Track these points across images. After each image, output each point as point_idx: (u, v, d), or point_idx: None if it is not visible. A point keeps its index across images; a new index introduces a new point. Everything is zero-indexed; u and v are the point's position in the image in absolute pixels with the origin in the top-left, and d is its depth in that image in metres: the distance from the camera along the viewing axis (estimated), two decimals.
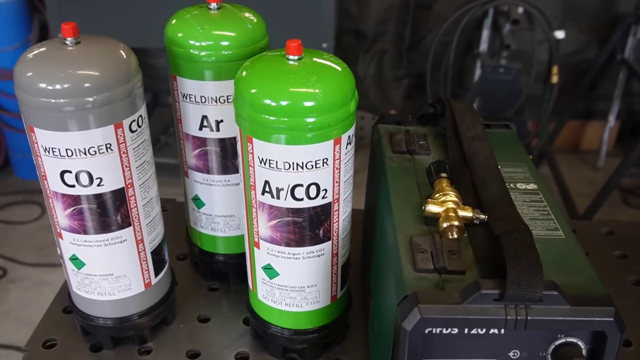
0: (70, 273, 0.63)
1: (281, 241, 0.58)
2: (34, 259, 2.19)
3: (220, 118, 0.65)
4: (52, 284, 2.10)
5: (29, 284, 2.10)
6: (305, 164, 0.54)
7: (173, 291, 0.70)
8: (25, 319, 1.96)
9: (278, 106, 0.52)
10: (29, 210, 2.43)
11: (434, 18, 2.52)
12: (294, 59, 0.53)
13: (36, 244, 2.27)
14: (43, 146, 0.55)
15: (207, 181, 0.70)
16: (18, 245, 2.26)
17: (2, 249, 2.23)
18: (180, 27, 0.64)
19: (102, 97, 0.53)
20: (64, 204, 0.58)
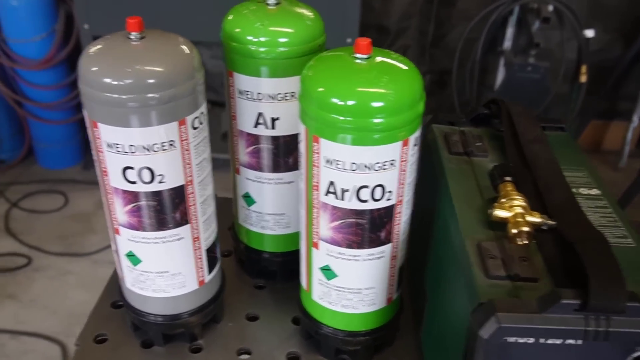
0: (125, 269, 0.63)
1: (342, 243, 0.58)
2: (58, 248, 2.20)
3: (277, 115, 0.65)
4: (75, 273, 2.11)
5: (54, 272, 2.11)
6: (372, 165, 0.53)
7: (223, 289, 0.70)
8: (50, 307, 1.97)
9: (347, 106, 0.51)
10: (53, 200, 2.44)
11: (458, 14, 2.49)
12: (362, 58, 0.52)
13: (60, 233, 2.28)
14: (106, 142, 0.54)
15: (259, 179, 0.69)
16: (42, 234, 2.27)
17: (27, 237, 2.24)
18: (238, 22, 0.63)
19: (167, 93, 0.53)
20: (123, 200, 0.57)
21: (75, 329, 1.92)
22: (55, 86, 2.44)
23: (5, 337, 1.86)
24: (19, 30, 2.31)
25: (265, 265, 0.76)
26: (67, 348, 1.83)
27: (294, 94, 0.64)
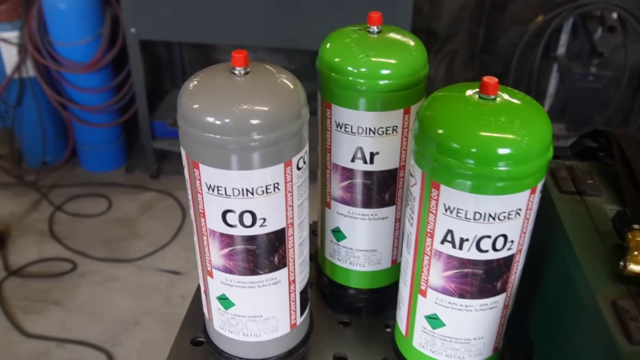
0: (215, 311, 0.60)
1: (454, 292, 0.54)
2: (103, 254, 2.20)
3: (376, 150, 0.61)
4: (121, 279, 2.10)
5: (99, 279, 2.11)
6: (497, 215, 0.49)
7: (312, 331, 0.66)
8: (96, 314, 1.97)
9: (472, 151, 0.47)
10: (96, 203, 2.45)
11: (509, 18, 2.43)
12: (489, 98, 0.48)
13: (104, 238, 2.28)
14: (207, 184, 0.51)
15: (352, 214, 0.65)
16: (86, 238, 2.27)
17: (71, 242, 2.24)
18: (339, 52, 0.59)
19: (275, 134, 0.49)
20: (221, 243, 0.54)
21: (121, 337, 1.93)
22: (99, 89, 2.44)
23: (52, 345, 1.86)
24: (65, 33, 2.31)
25: (350, 302, 0.73)
26: (114, 357, 1.82)
27: (395, 128, 0.60)
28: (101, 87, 2.44)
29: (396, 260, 0.70)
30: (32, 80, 2.41)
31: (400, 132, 0.60)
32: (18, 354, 1.83)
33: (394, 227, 0.67)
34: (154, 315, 1.97)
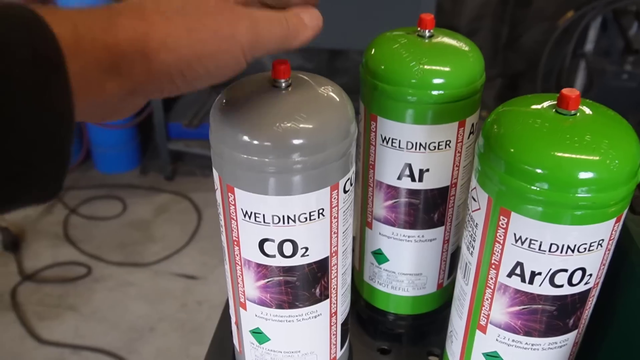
0: (247, 345, 0.54)
1: (520, 330, 0.48)
2: (118, 258, 2.16)
3: (426, 167, 0.55)
4: (136, 284, 2.05)
5: (114, 284, 2.06)
6: (577, 247, 0.42)
7: None
8: (111, 320, 1.92)
9: (550, 175, 0.41)
10: (111, 206, 2.40)
11: (534, 15, 2.35)
12: (568, 114, 0.42)
13: (119, 241, 2.23)
14: (243, 210, 0.45)
15: (397, 235, 0.59)
16: (101, 242, 2.23)
17: (86, 245, 2.20)
18: (387, 58, 0.53)
19: (321, 155, 0.43)
20: (257, 274, 0.48)
21: (137, 344, 1.88)
22: None
23: (67, 352, 1.82)
24: None
25: (390, 328, 0.67)
26: None
27: (449, 143, 0.54)
28: None
29: (442, 284, 0.64)
30: None
31: (453, 147, 0.54)
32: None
33: (441, 249, 0.61)
34: (170, 321, 1.92)
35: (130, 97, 0.35)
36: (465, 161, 0.56)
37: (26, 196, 0.29)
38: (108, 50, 0.32)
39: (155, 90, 0.35)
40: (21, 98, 0.27)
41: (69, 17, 0.31)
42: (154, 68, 0.33)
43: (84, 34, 0.31)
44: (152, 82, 0.34)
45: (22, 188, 0.29)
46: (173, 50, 0.34)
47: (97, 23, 0.32)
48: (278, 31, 0.38)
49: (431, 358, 0.67)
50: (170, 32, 0.34)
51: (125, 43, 0.32)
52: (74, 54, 0.30)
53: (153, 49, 0.33)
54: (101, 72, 0.32)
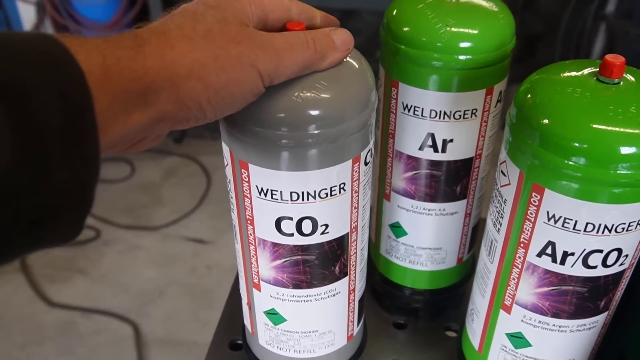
0: (260, 327, 0.52)
1: (548, 311, 0.45)
2: (127, 221, 2.15)
3: (451, 137, 0.51)
4: (145, 248, 2.05)
5: (123, 247, 2.06)
6: (614, 227, 0.40)
7: (367, 339, 0.59)
8: (121, 283, 1.92)
9: (588, 149, 0.37)
10: (119, 169, 2.38)
11: None
12: (611, 82, 0.39)
13: (127, 204, 2.22)
14: (258, 187, 0.42)
15: (417, 208, 0.57)
16: (110, 205, 2.21)
17: (95, 208, 2.15)
18: (411, 19, 0.49)
19: (348, 125, 0.40)
20: (272, 254, 0.46)
21: (147, 308, 1.88)
22: None
23: (77, 315, 1.82)
24: None
25: (406, 302, 0.65)
26: (140, 328, 1.78)
27: (475, 112, 0.50)
28: None
29: (462, 259, 0.61)
30: None
31: (479, 117, 0.51)
32: (44, 324, 1.80)
33: (463, 222, 0.58)
34: (179, 285, 1.92)
35: (156, 126, 0.34)
36: (491, 131, 0.53)
37: (50, 238, 0.28)
38: (136, 81, 0.30)
39: (183, 118, 0.34)
40: (46, 144, 0.26)
41: (97, 47, 0.29)
42: (182, 96, 0.33)
43: (112, 65, 0.29)
44: (180, 110, 0.33)
45: (46, 231, 0.28)
46: (200, 77, 0.33)
47: (125, 52, 0.30)
48: (301, 57, 0.37)
49: (449, 333, 0.65)
50: (197, 59, 0.33)
51: (153, 72, 0.31)
52: (102, 88, 0.28)
53: (181, 76, 0.32)
54: (128, 104, 0.31)
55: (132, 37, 0.31)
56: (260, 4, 0.37)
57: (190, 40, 0.33)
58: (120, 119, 0.30)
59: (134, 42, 0.31)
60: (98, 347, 1.74)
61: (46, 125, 0.26)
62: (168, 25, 0.33)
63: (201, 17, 0.34)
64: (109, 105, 0.29)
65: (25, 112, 0.25)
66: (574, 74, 0.40)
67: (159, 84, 0.31)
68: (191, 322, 1.81)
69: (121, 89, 0.30)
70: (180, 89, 0.32)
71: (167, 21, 0.34)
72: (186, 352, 1.72)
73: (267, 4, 0.37)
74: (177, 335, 1.77)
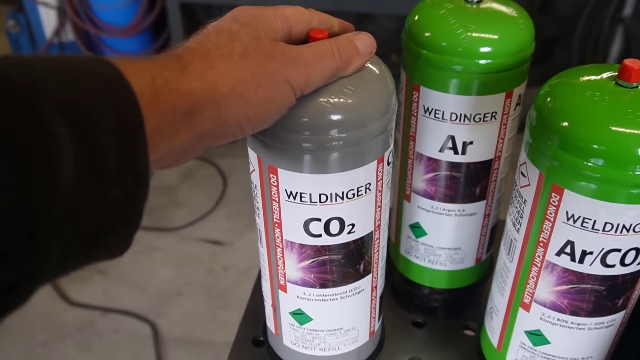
0: (286, 327, 0.53)
1: (566, 309, 0.46)
2: (145, 222, 2.13)
3: (470, 140, 0.53)
4: (163, 249, 2.08)
5: (141, 247, 2.08)
6: (633, 227, 0.41)
7: (385, 335, 0.60)
8: (139, 284, 1.95)
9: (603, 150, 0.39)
10: None
11: None
12: (629, 86, 0.40)
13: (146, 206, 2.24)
14: (287, 191, 0.44)
15: (437, 209, 0.58)
16: None
17: None
18: (432, 24, 0.51)
19: (372, 128, 0.42)
20: (300, 255, 0.47)
21: (164, 308, 1.90)
22: (139, 54, 2.38)
23: (97, 314, 1.85)
24: None
25: (425, 301, 0.66)
26: (158, 327, 1.81)
27: (494, 115, 0.52)
28: (140, 51, 2.38)
29: (480, 259, 0.63)
30: (71, 45, 2.36)
31: (499, 120, 0.52)
32: (64, 323, 1.83)
33: (482, 223, 0.59)
34: (197, 286, 1.95)
35: (197, 143, 0.35)
36: (510, 134, 0.55)
37: (103, 253, 0.30)
38: (183, 101, 0.32)
39: (222, 135, 0.36)
40: (104, 162, 0.27)
41: (146, 69, 0.31)
42: (224, 114, 0.34)
43: (160, 87, 0.31)
44: (221, 127, 0.35)
45: (101, 246, 0.29)
46: (241, 95, 0.34)
47: (172, 74, 0.32)
48: (328, 67, 0.38)
49: (467, 332, 0.66)
50: (237, 77, 0.34)
51: (197, 92, 0.33)
52: (151, 109, 0.30)
53: (223, 95, 0.34)
54: (175, 123, 0.32)
55: (176, 59, 0.33)
56: (285, 19, 0.38)
57: (229, 59, 0.34)
58: (167, 137, 0.32)
59: (179, 64, 0.33)
60: (117, 345, 1.77)
61: (104, 145, 0.27)
62: (207, 46, 0.35)
63: (236, 35, 0.35)
64: (157, 125, 0.31)
65: (87, 133, 0.26)
66: (592, 78, 0.42)
67: (203, 103, 0.33)
68: (208, 322, 1.83)
69: (169, 110, 0.31)
70: (221, 107, 0.34)
71: (204, 41, 0.35)
72: (203, 352, 1.74)
73: (291, 18, 0.39)
74: (194, 334, 1.79)
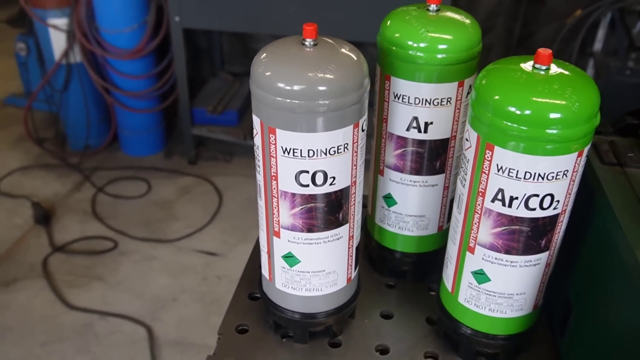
0: (278, 270, 0.65)
1: (501, 248, 0.58)
2: (143, 234, 2.28)
3: (431, 120, 0.66)
4: (160, 259, 2.18)
5: (139, 257, 2.19)
6: (546, 175, 0.53)
7: (360, 289, 0.72)
8: (136, 290, 2.05)
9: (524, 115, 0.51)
10: (136, 186, 2.53)
11: (546, 14, 2.45)
12: (541, 69, 0.53)
13: (144, 219, 2.36)
14: (282, 147, 0.56)
15: (404, 181, 0.70)
16: (127, 219, 2.36)
17: (113, 221, 2.33)
18: (400, 27, 0.64)
19: (349, 98, 0.55)
20: (291, 203, 0.59)
21: (160, 313, 2.00)
22: (143, 76, 2.52)
23: (95, 317, 1.95)
24: (112, 21, 2.40)
25: (396, 265, 0.78)
26: (153, 330, 1.90)
27: (449, 100, 0.65)
28: (144, 73, 2.52)
29: (442, 227, 0.75)
30: (78, 66, 2.50)
31: (453, 104, 0.65)
32: (63, 325, 1.91)
33: (442, 194, 0.72)
34: (191, 293, 2.05)
35: None
36: (464, 117, 0.67)
37: None
38: None
39: None
40: None
41: None
42: None
43: None
44: None
45: None
46: None
47: None
48: None
49: (431, 293, 0.78)
50: None
51: None
52: None
53: None
54: None
55: None
56: None
57: None
58: None
59: None
60: (113, 346, 1.86)
61: None
62: None
63: None
64: None
65: None
66: (516, 65, 0.55)
67: None
68: (201, 327, 1.93)
69: None
70: None
71: None
72: (196, 353, 1.83)
73: None
74: (188, 338, 1.89)
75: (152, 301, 2.01)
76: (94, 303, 2.00)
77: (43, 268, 2.12)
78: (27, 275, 2.09)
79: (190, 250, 2.23)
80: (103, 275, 2.11)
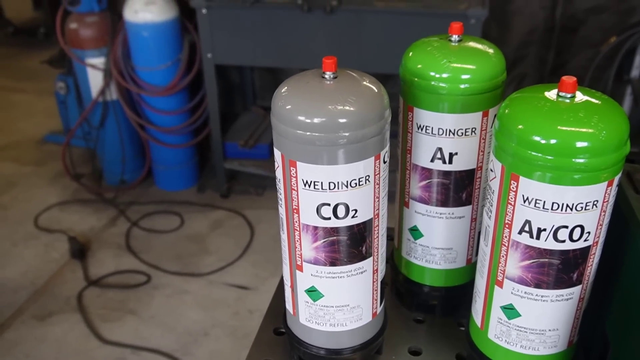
0: (302, 305, 0.64)
1: (531, 282, 0.56)
2: (175, 268, 2.29)
3: (455, 151, 0.65)
4: (192, 292, 2.18)
5: (171, 291, 2.20)
6: (574, 206, 0.52)
7: (387, 324, 0.70)
8: (168, 324, 2.05)
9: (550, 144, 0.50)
10: (170, 221, 2.56)
11: (580, 42, 2.42)
12: (566, 97, 0.52)
13: (176, 253, 2.37)
14: (303, 180, 0.56)
15: (430, 213, 0.69)
16: (160, 253, 2.37)
17: (146, 255, 2.35)
18: (422, 58, 0.64)
19: (370, 130, 0.54)
20: (313, 236, 0.59)
21: (191, 347, 2.00)
22: (176, 112, 2.57)
23: (127, 352, 1.95)
24: (146, 59, 2.46)
25: (425, 299, 0.76)
26: None
27: (474, 130, 0.64)
28: (177, 109, 2.57)
29: (471, 260, 0.73)
30: (114, 103, 2.57)
31: (478, 134, 0.64)
32: (96, 359, 1.92)
33: (469, 226, 0.70)
34: (222, 327, 2.04)
35: None
36: (489, 148, 0.66)
37: None
38: None
39: None
40: None
41: None
42: None
43: None
44: None
45: None
46: None
47: None
48: None
49: (461, 329, 0.75)
50: None
51: None
52: None
53: None
54: None
55: None
56: None
57: None
58: None
59: None
60: None
61: None
62: None
63: None
64: None
65: None
66: (539, 93, 0.53)
67: None
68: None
69: None
70: None
71: None
72: None
73: None
74: None
75: (184, 335, 2.01)
76: (126, 337, 2.00)
77: (78, 302, 2.14)
78: (62, 309, 2.11)
79: (222, 284, 2.23)
80: (136, 309, 2.12)
